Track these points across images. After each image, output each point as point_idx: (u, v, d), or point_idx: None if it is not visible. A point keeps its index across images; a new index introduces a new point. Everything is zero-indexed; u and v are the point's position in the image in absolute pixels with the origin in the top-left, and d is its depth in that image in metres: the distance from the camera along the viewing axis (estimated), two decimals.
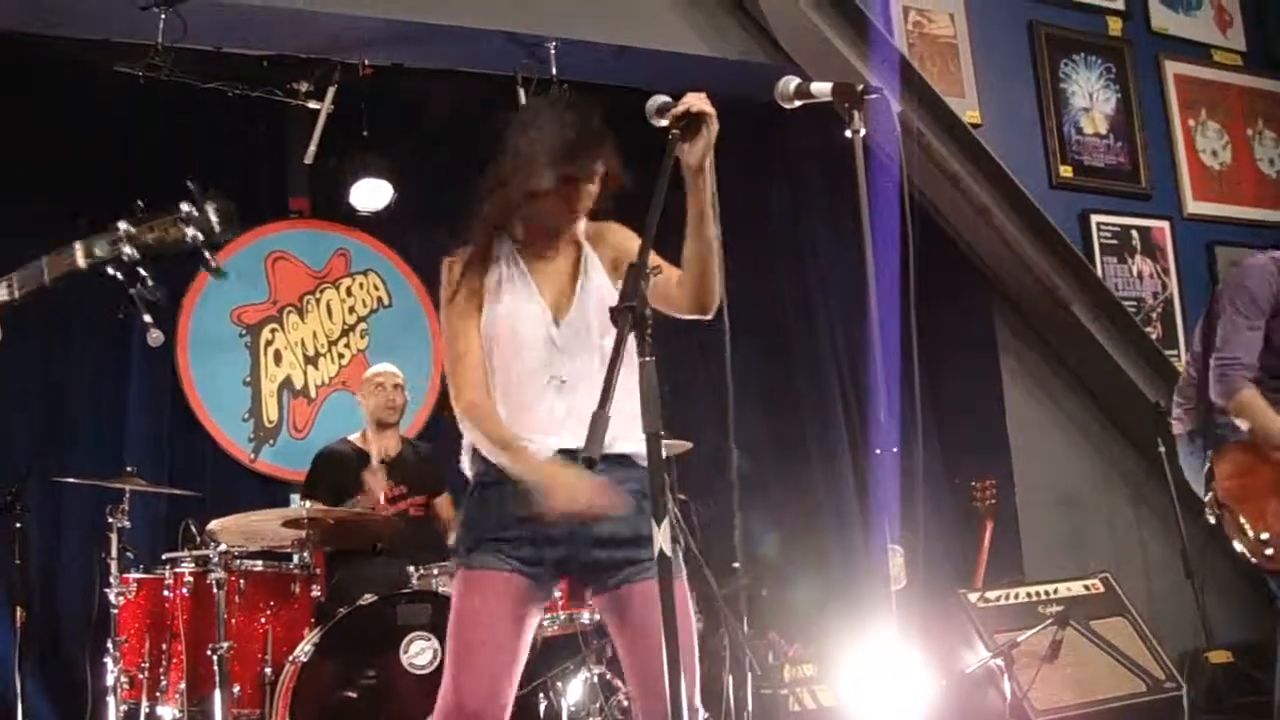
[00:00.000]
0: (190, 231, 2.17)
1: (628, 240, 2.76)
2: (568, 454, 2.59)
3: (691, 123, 2.44)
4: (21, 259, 2.18)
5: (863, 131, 2.43)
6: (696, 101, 2.45)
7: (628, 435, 2.52)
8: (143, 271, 2.17)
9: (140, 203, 2.20)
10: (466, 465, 2.75)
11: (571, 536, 2.57)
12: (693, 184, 2.50)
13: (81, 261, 2.15)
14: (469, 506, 2.71)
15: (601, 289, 2.71)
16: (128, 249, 2.15)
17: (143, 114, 5.56)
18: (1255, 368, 3.66)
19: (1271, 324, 3.69)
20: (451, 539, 3.10)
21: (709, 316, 2.64)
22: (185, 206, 2.17)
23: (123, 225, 2.16)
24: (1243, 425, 3.64)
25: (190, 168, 5.97)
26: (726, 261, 2.60)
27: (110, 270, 2.17)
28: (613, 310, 2.08)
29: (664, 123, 2.46)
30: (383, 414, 5.12)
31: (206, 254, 2.21)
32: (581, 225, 2.80)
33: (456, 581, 2.65)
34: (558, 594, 4.26)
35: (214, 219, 2.18)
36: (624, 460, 2.59)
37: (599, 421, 1.94)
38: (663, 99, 2.49)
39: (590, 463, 1.92)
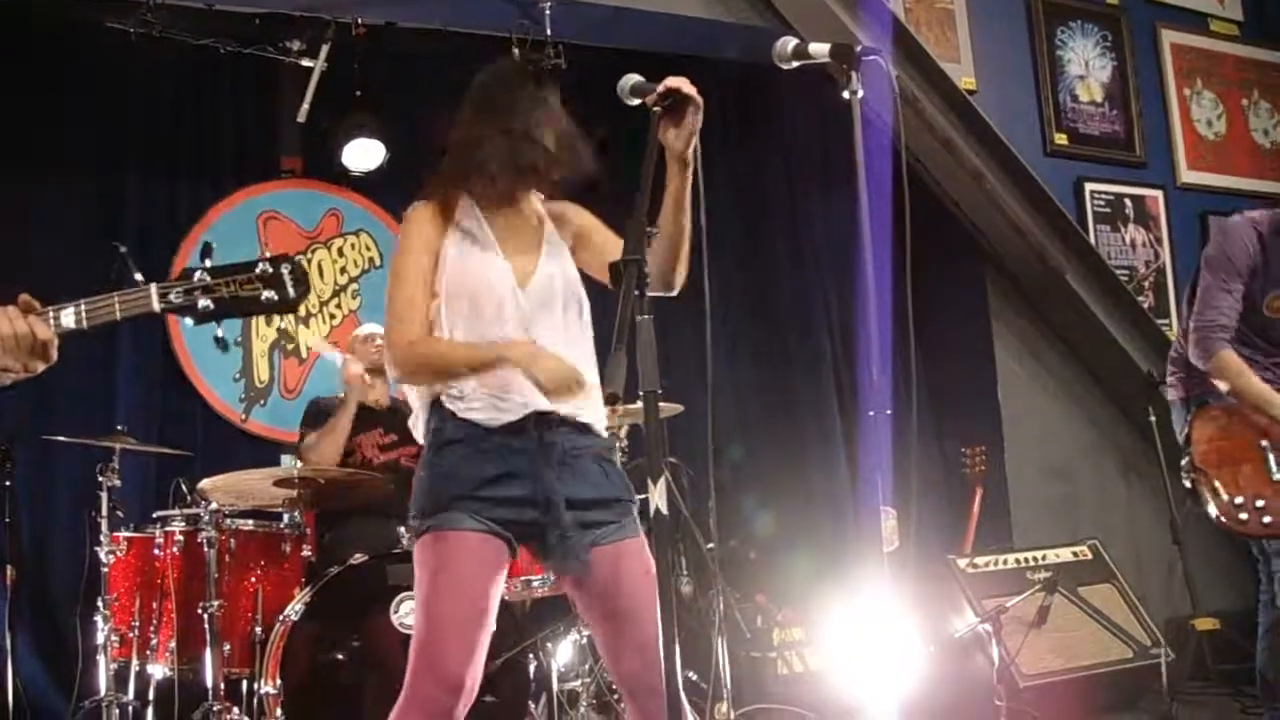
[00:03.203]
0: (266, 293, 2.20)
1: (587, 217, 2.80)
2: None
3: (676, 101, 2.39)
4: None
5: (860, 93, 2.41)
6: (680, 84, 2.41)
7: (589, 403, 2.54)
8: (215, 324, 2.21)
9: (209, 242, 2.25)
10: (422, 427, 2.67)
11: (547, 497, 2.55)
12: (674, 171, 2.47)
13: (156, 306, 2.19)
14: (431, 467, 2.63)
15: (565, 264, 2.70)
16: (204, 301, 2.17)
17: (134, 71, 5.50)
18: (1234, 329, 3.68)
19: (1251, 285, 3.71)
20: None
21: (673, 294, 2.62)
22: (261, 266, 2.21)
23: (197, 274, 2.18)
24: (1222, 386, 3.66)
25: (181, 125, 5.93)
26: (720, 226, 2.57)
27: (183, 317, 2.20)
28: (614, 265, 2.06)
29: (637, 101, 2.44)
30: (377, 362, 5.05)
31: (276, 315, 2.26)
32: (538, 200, 2.79)
33: (424, 545, 2.58)
34: None
35: (289, 282, 2.21)
36: (585, 428, 2.60)
37: (617, 360, 1.93)
38: (635, 78, 2.47)
39: (613, 399, 1.92)
